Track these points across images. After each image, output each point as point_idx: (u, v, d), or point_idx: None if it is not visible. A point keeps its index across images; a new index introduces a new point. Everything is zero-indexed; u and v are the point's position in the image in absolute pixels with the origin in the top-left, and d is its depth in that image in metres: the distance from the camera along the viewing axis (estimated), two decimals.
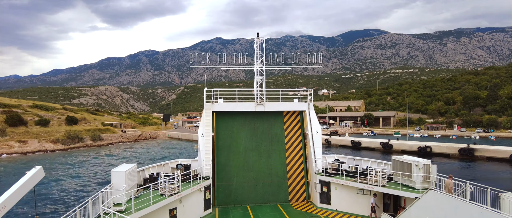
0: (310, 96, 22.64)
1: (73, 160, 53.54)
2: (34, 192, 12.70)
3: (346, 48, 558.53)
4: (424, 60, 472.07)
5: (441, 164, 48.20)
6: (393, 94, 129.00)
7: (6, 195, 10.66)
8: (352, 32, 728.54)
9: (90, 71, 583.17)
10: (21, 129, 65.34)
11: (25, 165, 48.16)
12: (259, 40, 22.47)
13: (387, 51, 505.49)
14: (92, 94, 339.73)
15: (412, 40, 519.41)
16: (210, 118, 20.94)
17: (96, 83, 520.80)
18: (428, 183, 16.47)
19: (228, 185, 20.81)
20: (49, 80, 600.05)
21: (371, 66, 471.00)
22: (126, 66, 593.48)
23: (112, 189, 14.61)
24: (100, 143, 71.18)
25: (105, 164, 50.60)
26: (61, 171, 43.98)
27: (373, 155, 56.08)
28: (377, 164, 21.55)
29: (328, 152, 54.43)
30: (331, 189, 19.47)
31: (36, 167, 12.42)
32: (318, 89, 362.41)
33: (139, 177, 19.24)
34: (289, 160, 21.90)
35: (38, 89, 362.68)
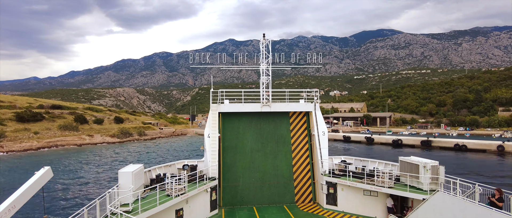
0: (317, 97, 23.05)
1: (137, 149, 71.49)
2: (42, 192, 12.83)
3: (359, 49, 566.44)
4: (438, 61, 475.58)
5: (408, 150, 64.49)
6: (393, 97, 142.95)
7: (16, 195, 10.92)
8: (365, 33, 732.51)
9: (106, 73, 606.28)
10: (86, 126, 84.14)
11: (100, 151, 66.50)
12: (265, 41, 23.14)
13: (401, 52, 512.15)
14: (111, 96, 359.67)
15: (426, 40, 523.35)
16: (216, 119, 21.39)
17: (112, 84, 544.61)
18: (436, 184, 16.55)
19: (234, 186, 21.15)
20: (67, 82, 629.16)
21: (384, 67, 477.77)
22: (141, 68, 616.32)
23: (119, 190, 15.04)
24: (144, 137, 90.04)
25: (164, 150, 68.45)
26: (135, 156, 61.99)
27: (360, 146, 72.60)
28: (384, 165, 21.56)
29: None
30: (338, 190, 19.65)
31: (44, 167, 12.83)
32: (329, 90, 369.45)
33: (146, 178, 19.68)
34: (295, 161, 22.14)
35: (60, 91, 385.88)
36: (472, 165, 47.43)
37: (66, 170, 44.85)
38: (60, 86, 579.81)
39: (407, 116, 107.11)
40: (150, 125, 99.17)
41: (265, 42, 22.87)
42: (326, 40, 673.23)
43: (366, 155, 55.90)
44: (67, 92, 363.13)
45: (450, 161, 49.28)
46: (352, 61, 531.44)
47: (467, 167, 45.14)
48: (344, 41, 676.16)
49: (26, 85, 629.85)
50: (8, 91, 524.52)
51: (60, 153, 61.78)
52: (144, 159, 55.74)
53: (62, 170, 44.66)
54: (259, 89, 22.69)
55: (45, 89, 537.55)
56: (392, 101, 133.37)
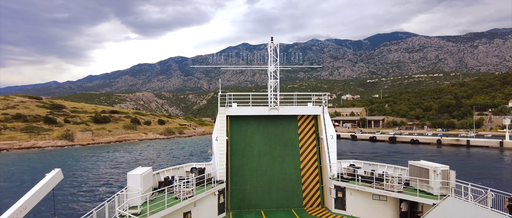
0: (325, 100, 23.26)
1: (182, 144, 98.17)
2: (53, 194, 13.27)
3: (373, 52, 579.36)
4: (453, 64, 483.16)
5: (380, 144, 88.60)
6: (390, 102, 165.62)
7: (27, 197, 11.41)
8: (379, 35, 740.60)
9: (123, 77, 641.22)
10: (140, 126, 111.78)
11: (155, 144, 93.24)
12: (272, 45, 23.47)
13: (415, 55, 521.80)
14: (131, 100, 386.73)
15: (440, 43, 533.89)
16: (224, 122, 21.97)
17: (129, 89, 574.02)
18: (446, 189, 16.68)
19: (242, 189, 21.53)
20: (86, 86, 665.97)
21: (398, 70, 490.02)
22: (157, 73, 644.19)
23: (128, 192, 15.62)
24: (183, 135, 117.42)
25: (198, 144, 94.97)
26: (184, 145, 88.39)
27: (346, 142, 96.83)
28: (393, 169, 21.76)
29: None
30: (346, 194, 19.87)
31: (55, 169, 13.46)
32: (342, 94, 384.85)
33: (154, 180, 20.06)
34: (304, 165, 22.45)
35: (83, 95, 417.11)
36: (417, 150, 71.12)
37: (144, 153, 71.87)
38: (79, 90, 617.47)
39: (398, 119, 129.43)
40: (185, 126, 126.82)
41: (273, 46, 23.56)
42: (340, 44, 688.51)
43: (350, 148, 79.74)
44: (90, 97, 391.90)
45: (404, 149, 73.51)
46: (365, 64, 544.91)
47: (412, 152, 68.95)
48: (358, 44, 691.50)
49: (48, 90, 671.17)
50: (38, 95, 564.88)
51: (130, 144, 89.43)
52: (190, 148, 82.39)
53: (140, 153, 71.42)
54: (267, 92, 23.02)
55: (66, 93, 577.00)
56: (389, 106, 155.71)
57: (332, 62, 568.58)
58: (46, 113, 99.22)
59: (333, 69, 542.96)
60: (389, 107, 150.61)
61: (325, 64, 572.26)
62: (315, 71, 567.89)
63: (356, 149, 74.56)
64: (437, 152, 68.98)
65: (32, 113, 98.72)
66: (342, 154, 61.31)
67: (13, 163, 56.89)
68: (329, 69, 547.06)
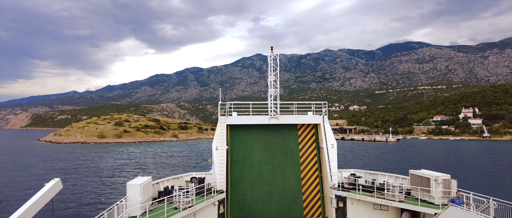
0: (325, 109, 24.21)
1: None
2: (52, 204, 13.97)
3: (384, 63, 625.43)
4: (463, 74, 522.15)
5: (345, 142, 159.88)
6: (367, 115, 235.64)
7: (25, 207, 12.05)
8: (392, 45, 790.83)
9: (142, 88, 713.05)
10: (183, 131, 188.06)
11: (193, 142, 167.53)
12: (272, 54, 24.66)
13: (425, 66, 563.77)
14: (157, 111, 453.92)
15: (451, 53, 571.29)
16: (224, 131, 23.00)
17: (148, 99, 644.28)
18: (448, 198, 17.46)
19: (242, 199, 22.55)
20: (106, 96, 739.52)
21: (407, 81, 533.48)
22: (174, 83, 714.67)
23: (127, 202, 16.53)
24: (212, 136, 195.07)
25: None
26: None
27: None
28: (394, 178, 22.94)
29: None
30: (347, 204, 20.81)
31: (54, 179, 14.20)
32: (349, 105, 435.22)
33: (154, 190, 21.07)
34: (304, 174, 23.40)
35: (116, 106, 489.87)
36: (357, 144, 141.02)
37: None
38: (100, 100, 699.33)
39: (365, 128, 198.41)
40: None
41: (273, 55, 24.57)
42: (352, 54, 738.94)
43: None
44: (120, 108, 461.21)
45: (350, 146, 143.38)
46: (376, 75, 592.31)
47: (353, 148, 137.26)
48: (371, 54, 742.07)
49: (71, 99, 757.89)
50: (59, 105, 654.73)
51: (202, 140, 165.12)
52: None
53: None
54: (273, 101, 24.12)
55: (88, 103, 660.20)
56: (364, 119, 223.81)
57: (344, 73, 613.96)
58: (154, 124, 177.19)
59: (344, 80, 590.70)
60: (364, 119, 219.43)
61: (336, 75, 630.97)
62: (327, 82, 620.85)
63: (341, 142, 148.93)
64: (363, 144, 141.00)
65: (150, 123, 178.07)
66: None
67: (154, 146, 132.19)
68: (341, 80, 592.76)
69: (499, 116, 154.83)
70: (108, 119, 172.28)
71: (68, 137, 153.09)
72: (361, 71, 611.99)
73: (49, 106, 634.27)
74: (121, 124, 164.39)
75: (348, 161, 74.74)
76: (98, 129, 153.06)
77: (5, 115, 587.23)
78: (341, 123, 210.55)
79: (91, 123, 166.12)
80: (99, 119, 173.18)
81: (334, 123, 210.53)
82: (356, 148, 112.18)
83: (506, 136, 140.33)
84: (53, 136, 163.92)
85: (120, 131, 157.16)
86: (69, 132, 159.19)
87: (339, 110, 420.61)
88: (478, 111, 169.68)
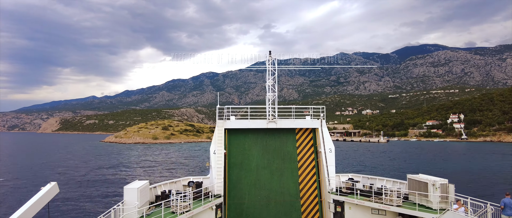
0: (323, 114, 24.82)
1: None
2: (48, 208, 14.29)
3: (399, 66, 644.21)
4: (479, 77, 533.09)
5: (348, 142, 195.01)
6: (371, 119, 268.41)
7: (21, 211, 12.30)
8: (407, 48, 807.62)
9: (160, 93, 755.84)
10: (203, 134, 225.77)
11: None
12: (271, 58, 25.70)
13: (440, 69, 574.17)
14: (177, 115, 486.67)
15: (467, 56, 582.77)
16: (222, 135, 23.57)
17: (166, 104, 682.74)
18: (446, 203, 18.33)
19: (239, 204, 23.17)
20: (125, 101, 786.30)
21: (422, 84, 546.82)
22: (191, 88, 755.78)
23: (124, 206, 17.04)
24: None
25: None
26: None
27: (336, 141, 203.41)
28: (392, 183, 23.74)
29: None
30: (345, 208, 21.51)
31: (51, 183, 14.56)
32: (362, 109, 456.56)
33: (151, 194, 21.79)
34: (302, 179, 24.13)
35: (139, 111, 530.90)
36: (354, 145, 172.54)
37: None
38: (120, 104, 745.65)
39: (367, 131, 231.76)
40: None
41: (271, 60, 25.53)
42: (367, 57, 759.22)
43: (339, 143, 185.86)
44: (144, 113, 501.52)
45: (349, 145, 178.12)
46: (391, 79, 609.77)
47: (351, 146, 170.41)
48: (386, 58, 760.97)
49: (91, 104, 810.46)
50: (81, 109, 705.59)
51: None
52: None
53: None
54: (271, 105, 24.96)
55: (108, 108, 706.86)
56: (369, 123, 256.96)
57: (358, 77, 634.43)
58: (191, 128, 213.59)
59: (359, 84, 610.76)
60: (368, 124, 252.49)
61: (351, 79, 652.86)
62: (341, 86, 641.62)
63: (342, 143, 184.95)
64: (359, 144, 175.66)
65: (188, 127, 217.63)
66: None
67: (196, 146, 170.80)
68: (355, 84, 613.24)
69: (478, 121, 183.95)
70: (155, 124, 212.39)
71: (129, 138, 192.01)
72: (376, 75, 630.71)
73: (72, 111, 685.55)
74: (167, 128, 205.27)
75: (343, 153, 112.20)
76: (150, 132, 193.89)
77: (32, 120, 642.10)
78: (347, 127, 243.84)
79: (143, 128, 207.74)
80: (147, 124, 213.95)
81: (341, 127, 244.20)
82: (352, 146, 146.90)
83: (480, 137, 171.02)
84: (114, 138, 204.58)
85: (168, 133, 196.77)
86: (127, 135, 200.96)
87: (352, 114, 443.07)
88: (463, 117, 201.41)
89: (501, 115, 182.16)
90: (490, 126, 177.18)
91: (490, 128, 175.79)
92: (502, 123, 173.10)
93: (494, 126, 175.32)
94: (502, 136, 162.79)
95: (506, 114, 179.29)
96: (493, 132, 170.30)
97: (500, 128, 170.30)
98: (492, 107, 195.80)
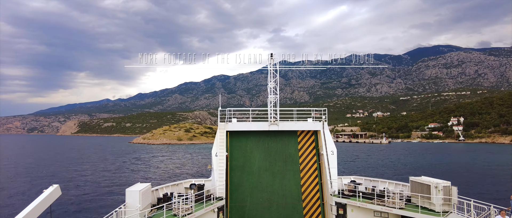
0: (325, 116, 25.32)
1: None
2: (50, 211, 14.58)
3: (411, 68, 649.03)
4: (494, 79, 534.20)
5: (355, 144, 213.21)
6: (377, 122, 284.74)
7: (23, 213, 12.62)
8: (420, 49, 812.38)
9: (173, 96, 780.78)
10: None
11: None
12: (272, 61, 26.12)
13: (453, 70, 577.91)
14: (191, 118, 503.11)
15: (481, 57, 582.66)
16: (224, 137, 24.11)
17: (179, 106, 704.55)
18: (449, 205, 18.62)
19: (241, 206, 23.53)
20: (139, 104, 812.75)
21: (434, 86, 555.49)
22: (203, 91, 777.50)
23: (126, 209, 17.41)
24: None
25: None
26: None
27: (344, 143, 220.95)
28: (394, 185, 24.00)
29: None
30: (348, 211, 21.78)
31: (53, 185, 14.94)
32: (373, 111, 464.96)
33: (153, 197, 22.18)
34: (304, 181, 24.51)
35: (154, 114, 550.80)
36: (357, 146, 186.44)
37: None
38: (134, 107, 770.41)
39: (373, 133, 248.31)
40: None
41: (273, 62, 25.94)
42: (379, 59, 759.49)
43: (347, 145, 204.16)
44: (159, 115, 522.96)
45: (354, 146, 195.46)
46: (403, 80, 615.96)
47: (354, 146, 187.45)
48: (398, 59, 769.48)
49: (106, 107, 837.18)
50: (96, 112, 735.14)
51: None
52: None
53: None
54: (273, 108, 25.27)
55: (122, 111, 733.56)
56: (375, 125, 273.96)
57: (370, 79, 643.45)
58: (210, 130, 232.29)
59: (370, 85, 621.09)
60: (375, 126, 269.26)
61: (362, 81, 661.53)
62: (352, 88, 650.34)
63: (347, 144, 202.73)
64: (363, 145, 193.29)
65: (207, 130, 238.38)
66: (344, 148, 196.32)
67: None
68: (367, 86, 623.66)
69: (475, 123, 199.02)
70: (178, 127, 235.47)
71: (156, 140, 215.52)
72: (388, 77, 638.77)
73: (87, 114, 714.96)
74: (189, 130, 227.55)
75: (347, 153, 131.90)
76: (175, 134, 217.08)
77: (50, 122, 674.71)
78: (355, 129, 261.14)
79: (167, 130, 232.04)
80: (171, 127, 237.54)
81: (349, 129, 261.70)
82: (355, 147, 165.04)
83: (476, 139, 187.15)
84: (142, 139, 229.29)
85: (190, 135, 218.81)
86: (154, 136, 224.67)
87: (363, 116, 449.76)
88: (462, 120, 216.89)
89: (498, 117, 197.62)
90: (486, 129, 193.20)
91: (486, 130, 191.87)
92: (498, 126, 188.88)
93: (490, 128, 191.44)
94: (496, 138, 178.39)
95: (503, 117, 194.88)
96: (488, 134, 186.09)
97: (495, 130, 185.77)
98: (490, 111, 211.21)
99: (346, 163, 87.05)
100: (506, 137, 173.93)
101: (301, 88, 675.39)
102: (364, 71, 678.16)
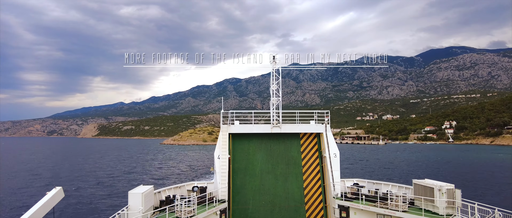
0: (327, 119, 26.03)
1: None
2: (53, 213, 14.95)
3: (423, 70, 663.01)
4: (507, 80, 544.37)
5: (358, 144, 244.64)
6: (380, 125, 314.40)
7: (27, 216, 12.99)
8: (433, 51, 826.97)
9: (186, 99, 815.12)
10: None
11: None
12: (275, 64, 27.25)
13: (465, 72, 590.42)
14: (205, 121, 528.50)
15: (495, 59, 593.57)
16: (226, 140, 24.84)
17: (192, 109, 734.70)
18: (452, 208, 18.92)
19: (244, 209, 24.03)
20: (153, 107, 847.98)
21: (446, 89, 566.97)
22: (215, 94, 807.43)
23: (129, 211, 17.97)
24: None
25: None
26: None
27: (348, 144, 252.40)
28: (397, 188, 24.65)
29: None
30: (350, 214, 22.25)
31: (56, 187, 15.29)
32: (383, 114, 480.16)
33: (156, 199, 22.81)
34: (307, 184, 25.08)
35: (170, 117, 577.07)
36: (357, 146, 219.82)
37: None
38: (148, 110, 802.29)
39: (375, 135, 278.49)
40: None
41: (275, 66, 27.10)
42: (391, 61, 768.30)
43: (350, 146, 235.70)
44: (175, 119, 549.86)
45: (354, 146, 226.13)
46: (415, 83, 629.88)
47: (354, 147, 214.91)
48: (410, 61, 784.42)
49: (121, 110, 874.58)
50: (112, 116, 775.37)
51: None
52: None
53: None
54: (276, 110, 26.26)
55: (137, 114, 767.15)
56: (378, 128, 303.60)
57: (381, 81, 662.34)
58: None
59: (382, 88, 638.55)
60: (378, 129, 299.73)
61: (374, 83, 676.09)
62: (364, 90, 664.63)
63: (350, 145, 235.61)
64: (363, 146, 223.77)
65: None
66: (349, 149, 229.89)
67: None
68: (378, 88, 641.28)
69: (464, 127, 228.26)
70: (202, 130, 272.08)
71: (185, 141, 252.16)
72: (399, 79, 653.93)
73: (103, 117, 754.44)
74: (211, 133, 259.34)
75: (347, 151, 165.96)
76: (200, 136, 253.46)
77: (69, 125, 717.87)
78: (359, 132, 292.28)
79: (193, 133, 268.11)
80: (195, 130, 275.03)
81: (354, 132, 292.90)
82: (355, 147, 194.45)
83: (463, 140, 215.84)
84: (172, 141, 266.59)
85: (213, 137, 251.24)
86: (182, 138, 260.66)
87: (372, 119, 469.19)
88: (454, 123, 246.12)
89: (485, 121, 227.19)
90: (473, 131, 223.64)
91: (473, 133, 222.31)
92: (483, 129, 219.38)
93: (476, 131, 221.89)
94: (479, 139, 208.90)
95: (489, 121, 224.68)
96: (474, 136, 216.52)
97: (480, 133, 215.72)
98: (480, 115, 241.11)
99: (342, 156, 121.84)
100: (487, 138, 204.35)
101: (312, 91, 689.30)
102: (376, 73, 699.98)
